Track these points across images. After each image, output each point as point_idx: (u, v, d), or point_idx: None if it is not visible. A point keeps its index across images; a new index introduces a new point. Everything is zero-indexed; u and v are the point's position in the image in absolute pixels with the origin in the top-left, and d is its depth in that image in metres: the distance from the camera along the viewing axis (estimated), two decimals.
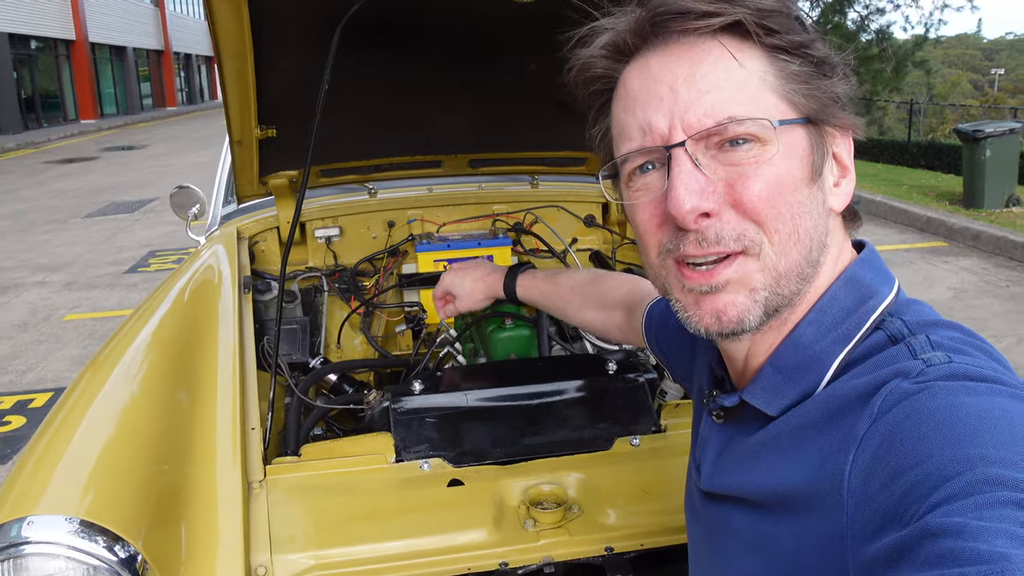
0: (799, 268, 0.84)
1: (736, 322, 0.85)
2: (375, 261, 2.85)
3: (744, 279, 0.84)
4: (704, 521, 1.03)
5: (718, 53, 0.82)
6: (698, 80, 0.82)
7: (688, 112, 0.82)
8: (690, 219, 0.82)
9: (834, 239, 0.88)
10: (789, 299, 0.86)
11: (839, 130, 0.87)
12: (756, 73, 0.82)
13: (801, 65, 0.83)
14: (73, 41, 29.91)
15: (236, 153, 2.24)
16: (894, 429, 0.72)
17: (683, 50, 0.84)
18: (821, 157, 0.85)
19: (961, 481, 0.63)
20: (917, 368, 0.76)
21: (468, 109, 2.41)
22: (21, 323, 6.53)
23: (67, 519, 1.24)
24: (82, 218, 11.34)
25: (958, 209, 9.73)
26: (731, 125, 0.81)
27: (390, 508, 1.56)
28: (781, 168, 0.82)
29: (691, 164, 0.82)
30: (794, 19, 0.84)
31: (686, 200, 0.81)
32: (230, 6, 1.65)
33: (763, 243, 0.82)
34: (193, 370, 1.80)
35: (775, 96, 0.83)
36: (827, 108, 0.85)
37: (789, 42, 0.82)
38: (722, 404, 0.96)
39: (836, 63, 0.85)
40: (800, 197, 0.83)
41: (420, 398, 1.75)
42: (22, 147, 21.93)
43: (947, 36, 42.86)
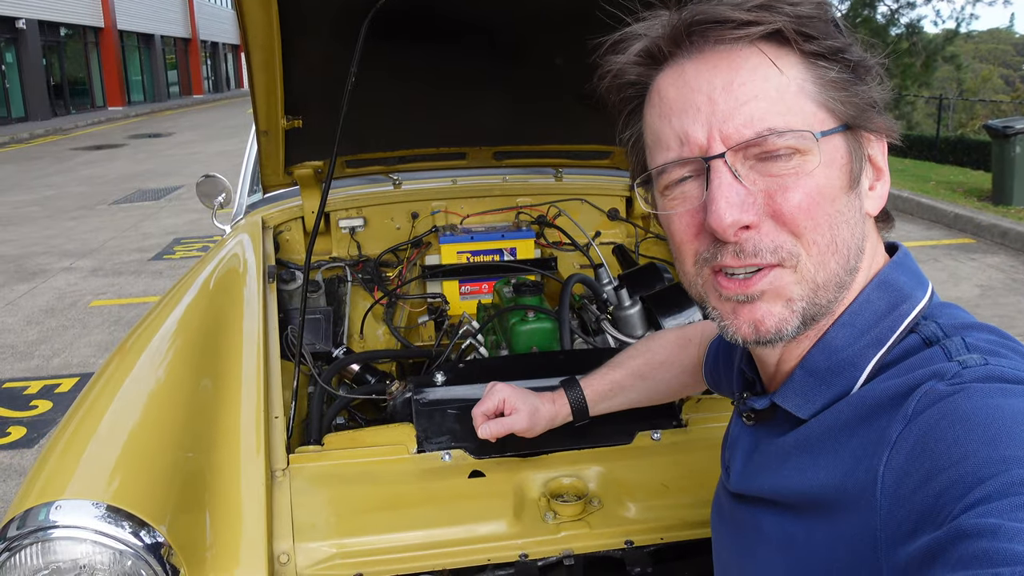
0: (837, 278, 0.84)
1: (774, 332, 0.85)
2: (398, 252, 2.87)
3: (780, 290, 0.83)
4: (732, 523, 1.03)
5: (756, 61, 0.81)
6: (736, 89, 0.81)
7: (727, 123, 0.81)
8: (730, 232, 0.81)
9: (869, 243, 0.88)
10: (827, 307, 0.85)
11: (874, 133, 0.86)
12: (795, 81, 0.81)
13: (839, 71, 0.82)
14: (102, 28, 30.17)
15: (262, 143, 2.25)
16: (929, 430, 0.72)
17: (720, 58, 0.82)
18: (859, 163, 0.84)
19: (996, 482, 0.63)
20: (952, 370, 0.76)
21: (494, 102, 2.41)
22: (48, 308, 6.61)
23: (94, 504, 1.26)
24: (108, 205, 11.45)
25: (986, 206, 9.61)
26: (771, 137, 0.80)
27: (411, 498, 1.57)
28: (821, 178, 0.81)
29: (731, 176, 0.81)
30: (831, 23, 0.83)
31: (727, 214, 0.80)
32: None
33: (800, 255, 0.82)
34: (218, 358, 1.81)
35: (814, 104, 0.82)
36: (864, 113, 0.83)
37: (827, 48, 0.81)
38: (752, 406, 0.96)
39: (872, 65, 0.84)
40: (839, 206, 0.82)
41: (442, 389, 1.75)
42: (51, 133, 22.17)
43: (978, 31, 42.35)
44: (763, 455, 0.95)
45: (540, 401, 1.53)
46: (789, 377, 0.90)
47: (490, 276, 2.74)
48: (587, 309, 2.38)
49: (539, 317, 2.13)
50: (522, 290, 2.28)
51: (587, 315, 2.37)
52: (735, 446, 1.03)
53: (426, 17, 1.91)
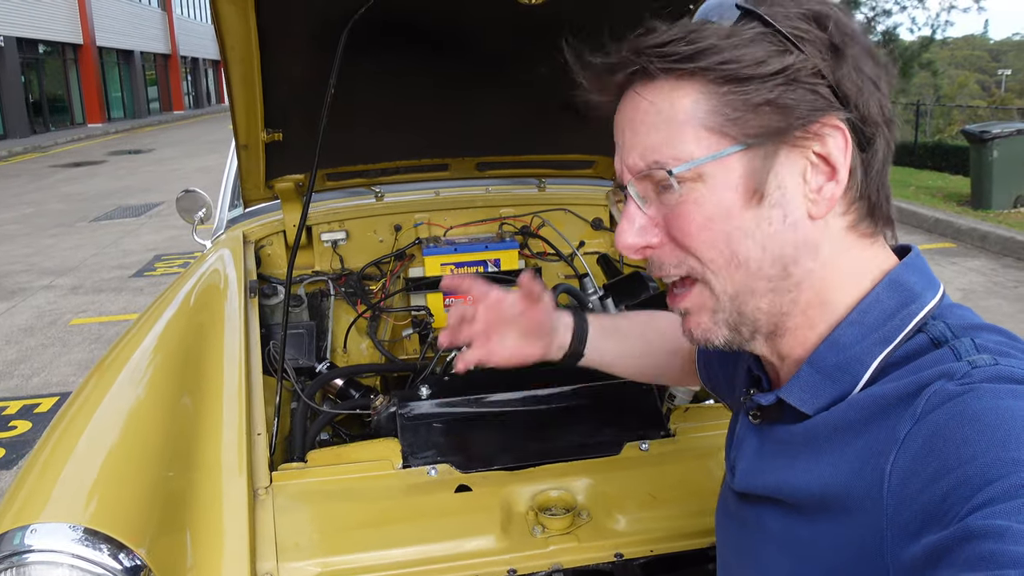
0: (750, 287, 0.86)
1: (703, 340, 0.92)
2: (382, 265, 2.84)
3: (700, 305, 0.90)
4: (736, 523, 1.03)
5: (653, 96, 0.85)
6: (636, 125, 0.87)
7: (628, 155, 0.88)
8: (630, 253, 0.90)
9: (836, 245, 0.86)
10: (763, 311, 0.88)
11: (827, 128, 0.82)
12: (684, 111, 0.83)
13: (736, 92, 0.81)
14: (81, 45, 30.02)
15: (242, 157, 2.23)
16: (937, 430, 0.71)
17: (632, 95, 0.88)
18: (764, 176, 0.83)
19: (1005, 484, 0.63)
20: (962, 370, 0.75)
21: (475, 112, 2.40)
22: (27, 327, 6.53)
23: (71, 527, 1.23)
24: (88, 222, 11.36)
25: (966, 210, 9.70)
26: (655, 170, 0.85)
27: (397, 514, 1.54)
28: (708, 204, 0.84)
29: (635, 205, 0.89)
30: (747, 40, 0.81)
31: (625, 237, 0.89)
32: (236, 10, 1.64)
33: (705, 272, 0.87)
34: (199, 375, 1.79)
35: (704, 130, 0.83)
36: (783, 124, 0.81)
37: (721, 72, 0.81)
38: (759, 403, 0.96)
39: (802, 66, 0.80)
40: (737, 223, 0.84)
41: (427, 403, 1.73)
42: (29, 151, 22.00)
43: (954, 37, 42.85)
44: (770, 453, 0.95)
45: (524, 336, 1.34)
46: (796, 373, 0.90)
47: None
48: None
49: None
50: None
51: None
52: (741, 445, 1.03)
53: (406, 29, 1.90)
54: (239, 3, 1.60)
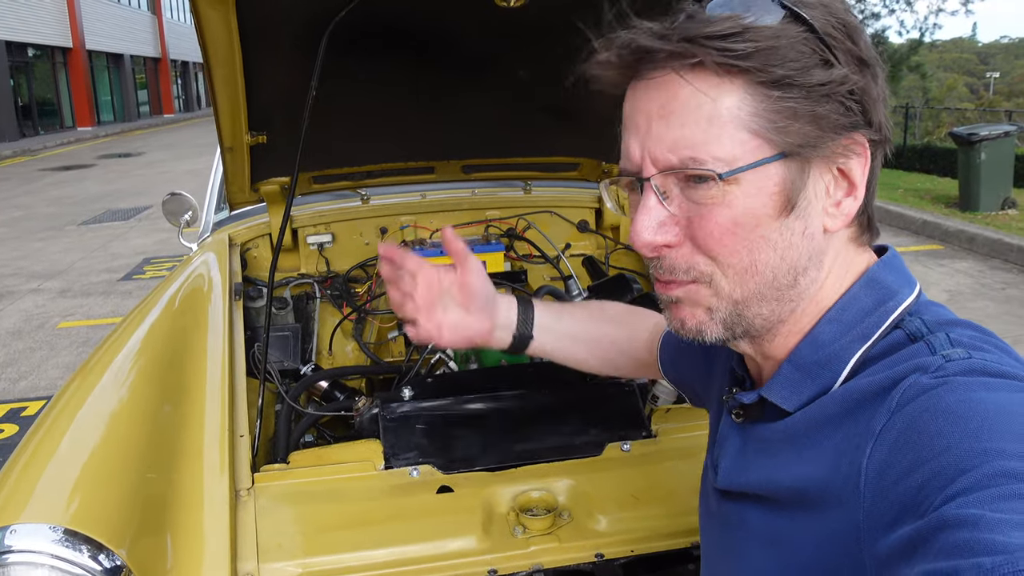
0: (760, 295, 0.86)
1: (695, 332, 0.90)
2: (368, 267, 2.84)
3: (695, 300, 0.88)
4: (719, 520, 1.04)
5: (692, 89, 0.81)
6: (668, 115, 0.82)
7: (656, 146, 0.83)
8: (646, 251, 0.87)
9: (838, 256, 0.89)
10: (763, 317, 0.88)
11: (853, 145, 0.84)
12: (729, 110, 0.80)
13: (783, 99, 0.80)
14: (70, 49, 29.90)
15: (227, 160, 2.23)
16: (912, 423, 0.72)
17: (661, 82, 0.83)
18: (799, 188, 0.83)
19: (978, 473, 0.64)
20: (936, 363, 0.76)
21: (460, 115, 2.41)
22: (15, 331, 6.51)
23: (51, 528, 1.23)
24: (77, 225, 11.32)
25: (954, 212, 9.74)
26: (692, 166, 0.81)
27: (379, 515, 1.55)
28: (739, 209, 0.82)
29: (655, 199, 0.85)
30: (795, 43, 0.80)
31: (642, 234, 0.85)
32: (218, 13, 1.65)
33: (715, 274, 0.85)
34: (182, 377, 1.79)
35: (747, 133, 0.80)
36: (819, 138, 0.82)
37: (772, 76, 0.79)
38: (741, 401, 0.97)
39: (849, 79, 0.81)
40: (763, 232, 0.83)
41: (409, 404, 1.74)
42: (18, 154, 21.91)
43: (942, 40, 43.03)
44: (752, 451, 0.96)
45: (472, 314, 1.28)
46: (777, 371, 0.91)
47: None
48: None
49: None
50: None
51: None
52: (724, 443, 1.04)
53: (389, 32, 1.91)
54: (220, 6, 1.60)
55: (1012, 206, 9.67)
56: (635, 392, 1.83)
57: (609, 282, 2.52)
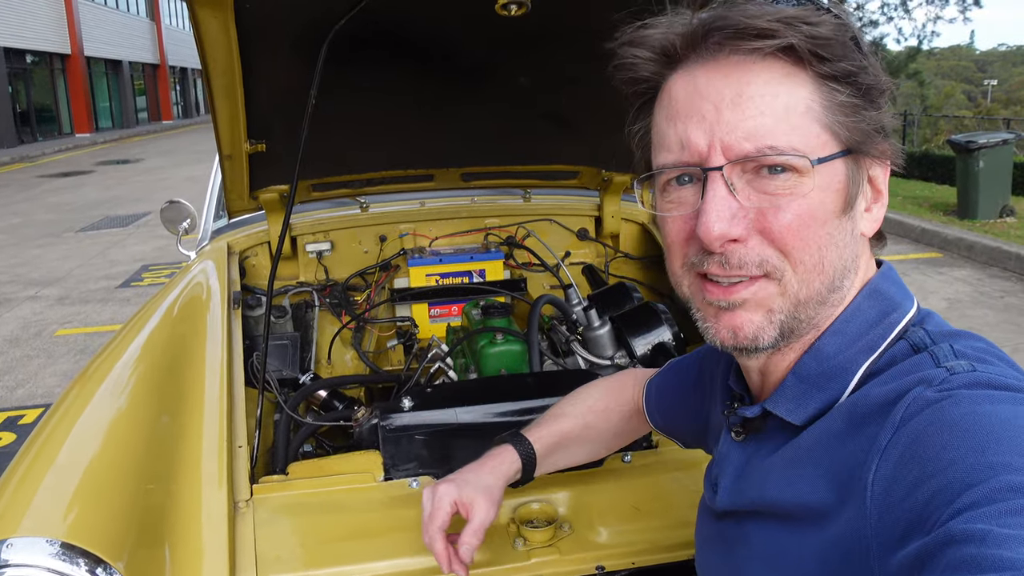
0: (819, 296, 0.85)
1: (751, 340, 0.86)
2: (367, 276, 2.84)
3: (763, 300, 0.85)
4: (718, 542, 1.03)
5: (767, 76, 0.81)
6: (744, 102, 0.81)
7: (730, 134, 0.81)
8: (717, 244, 0.83)
9: (861, 261, 0.89)
10: (807, 323, 0.87)
11: (878, 157, 0.86)
12: (803, 101, 0.81)
13: (850, 95, 0.81)
14: (68, 55, 29.93)
15: (226, 168, 2.22)
16: (917, 437, 0.72)
17: (732, 67, 0.82)
18: (856, 188, 0.84)
19: (984, 488, 0.64)
20: (940, 376, 0.76)
21: (460, 123, 2.41)
22: (12, 338, 6.49)
23: (48, 541, 1.22)
24: (76, 232, 11.31)
25: (952, 220, 9.75)
26: (770, 155, 0.80)
27: (378, 527, 1.54)
28: (814, 201, 0.81)
29: (725, 189, 0.82)
30: (850, 44, 0.82)
31: (715, 226, 0.82)
32: (217, 22, 1.64)
33: (785, 270, 0.83)
34: (180, 387, 1.78)
35: (819, 126, 0.81)
36: (869, 138, 0.83)
37: (840, 70, 0.81)
38: (744, 415, 0.96)
39: (885, 88, 0.83)
40: (830, 229, 0.83)
41: (409, 415, 1.73)
42: (17, 161, 21.90)
43: (940, 48, 43.15)
44: (755, 469, 0.95)
45: (487, 475, 1.32)
46: (781, 384, 0.90)
47: (459, 299, 2.72)
48: (557, 330, 2.37)
49: (508, 339, 2.11)
50: (490, 312, 2.26)
51: (557, 336, 2.36)
52: (723, 462, 1.02)
53: (389, 39, 1.90)
54: (219, 14, 1.60)
55: (1010, 214, 9.69)
56: None
57: (609, 291, 2.51)
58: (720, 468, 1.03)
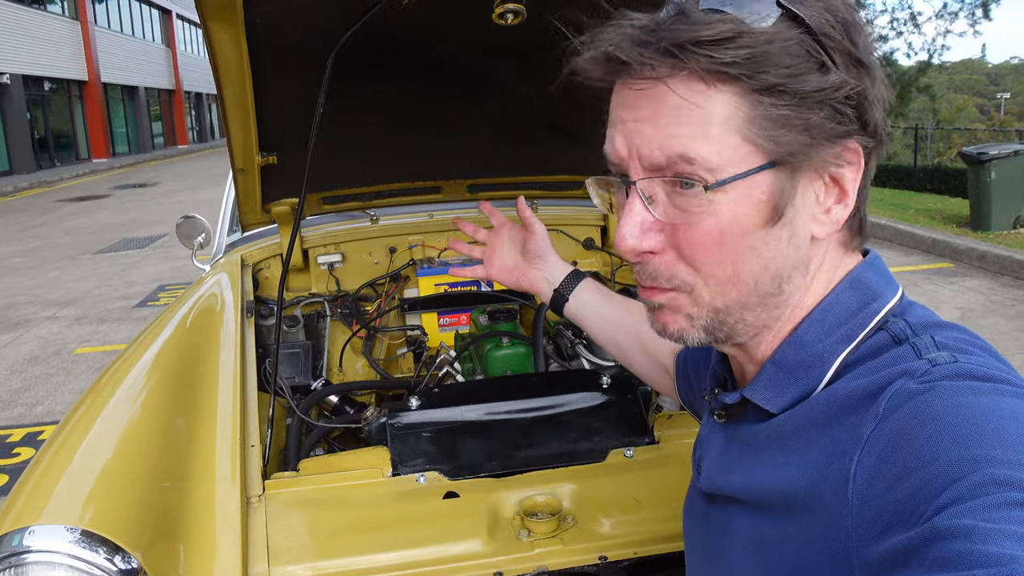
0: (740, 303, 0.84)
1: (677, 336, 0.89)
2: (377, 286, 2.89)
3: (676, 307, 0.87)
4: (703, 524, 1.03)
5: (685, 90, 0.78)
6: (660, 115, 0.80)
7: (644, 144, 0.81)
8: (629, 256, 0.85)
9: (823, 261, 0.88)
10: (743, 323, 0.86)
11: (846, 152, 0.82)
12: (720, 113, 0.78)
13: (776, 106, 0.77)
14: (86, 82, 30.31)
15: (239, 181, 2.28)
16: (900, 430, 0.71)
17: (649, 89, 0.80)
18: (788, 196, 0.81)
19: (969, 482, 0.63)
20: (922, 368, 0.75)
21: (465, 134, 2.45)
22: (32, 357, 6.59)
23: (68, 529, 1.27)
24: (93, 254, 11.45)
25: (965, 231, 9.73)
26: (679, 163, 0.79)
27: (386, 520, 1.58)
28: (725, 218, 0.80)
29: (640, 204, 0.83)
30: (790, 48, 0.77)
31: (626, 239, 0.83)
32: (229, 36, 1.70)
33: (696, 284, 0.84)
34: (194, 392, 1.83)
35: (738, 137, 0.78)
36: (811, 147, 0.79)
37: (762, 83, 0.77)
38: (723, 401, 0.96)
39: (845, 85, 0.78)
40: (750, 242, 0.81)
41: (416, 413, 1.77)
42: (35, 186, 22.17)
43: (951, 61, 42.99)
44: (734, 452, 0.95)
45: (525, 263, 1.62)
46: (759, 372, 0.90)
47: (468, 307, 2.77)
48: (563, 335, 2.41)
49: (513, 342, 2.16)
50: (496, 317, 2.31)
51: (563, 341, 2.40)
52: (706, 444, 1.04)
53: (392, 51, 1.96)
54: (230, 29, 1.66)
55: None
56: (638, 399, 1.86)
57: None
58: (703, 449, 1.05)
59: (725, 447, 0.98)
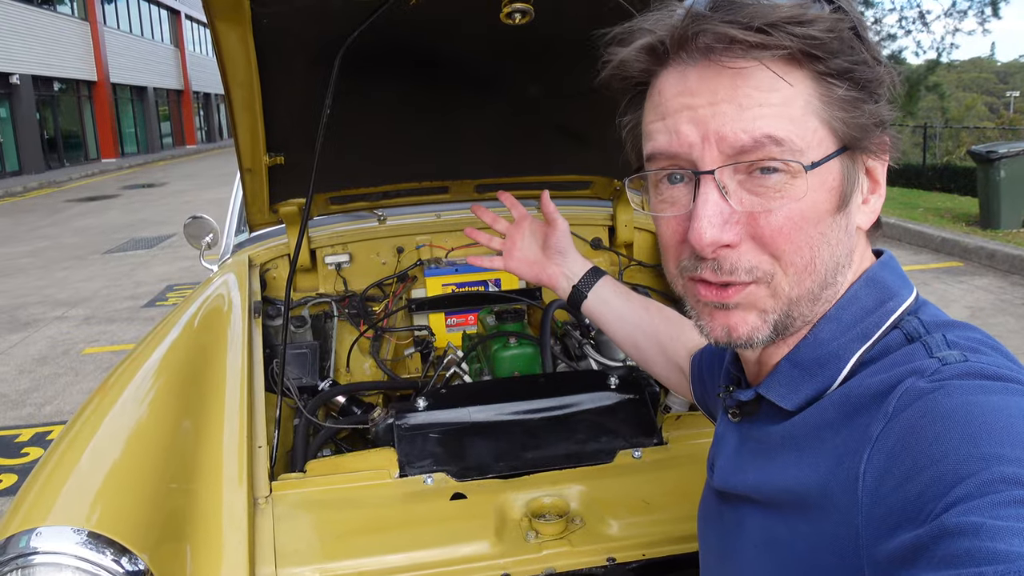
0: (811, 294, 0.84)
1: (746, 338, 0.86)
2: (384, 286, 2.89)
3: (754, 303, 0.84)
4: (717, 523, 1.03)
5: (762, 75, 0.78)
6: (740, 97, 0.79)
7: (724, 125, 0.79)
8: (709, 251, 0.81)
9: (857, 253, 0.89)
10: (800, 319, 0.86)
11: (879, 143, 0.85)
12: (801, 96, 0.79)
13: (848, 90, 0.79)
14: (95, 82, 30.41)
15: (247, 181, 2.28)
16: (909, 428, 0.72)
17: (725, 66, 0.79)
18: (852, 184, 0.83)
19: (977, 480, 0.64)
20: (932, 367, 0.76)
21: (472, 134, 2.45)
22: (41, 357, 6.61)
23: (75, 530, 1.27)
24: (102, 254, 11.48)
25: (975, 230, 9.68)
26: (768, 145, 0.78)
27: (394, 521, 1.58)
28: (807, 203, 0.80)
29: (718, 194, 0.81)
30: (848, 37, 0.79)
31: (707, 232, 0.80)
32: (236, 36, 1.70)
33: (776, 274, 0.82)
34: (201, 392, 1.83)
35: (818, 121, 0.80)
36: (868, 132, 0.82)
37: (837, 67, 0.78)
38: (738, 399, 0.96)
39: (884, 79, 0.82)
40: (822, 228, 0.81)
41: (424, 414, 1.77)
42: (44, 186, 22.26)
43: (960, 60, 42.79)
44: (748, 451, 0.95)
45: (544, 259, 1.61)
46: (775, 369, 0.90)
47: (475, 307, 2.76)
48: (570, 335, 2.41)
49: (521, 343, 2.15)
50: (504, 317, 2.30)
51: (570, 341, 2.39)
52: (721, 442, 1.04)
53: (399, 52, 1.95)
54: (237, 28, 1.65)
55: None
56: (646, 400, 1.85)
57: None
58: (718, 448, 1.05)
59: (739, 446, 0.99)
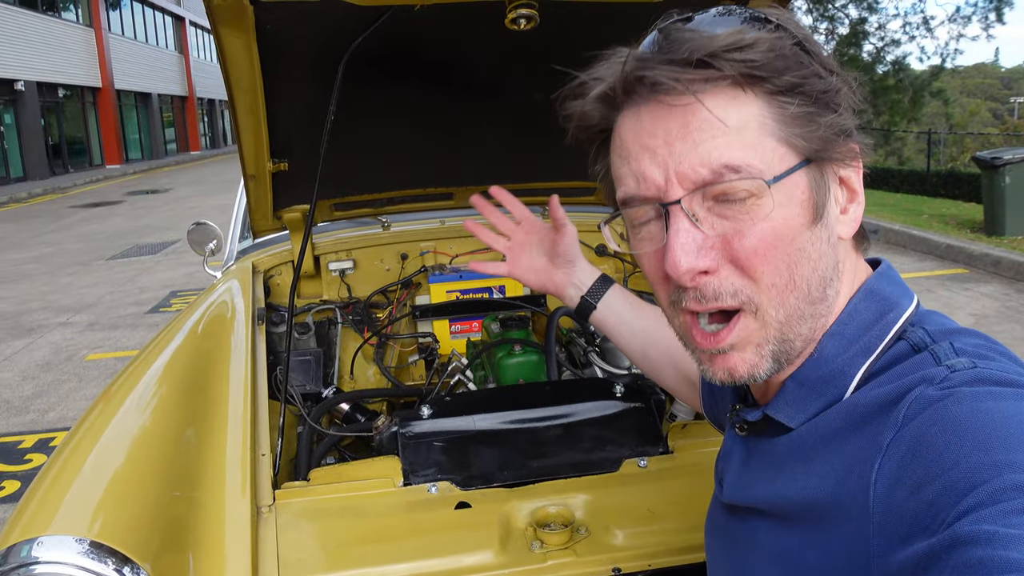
0: (799, 311, 0.84)
1: (748, 377, 0.86)
2: (388, 293, 2.88)
3: (747, 340, 0.84)
4: (725, 536, 1.03)
5: (712, 103, 0.79)
6: (692, 132, 0.80)
7: (682, 163, 0.80)
8: (687, 279, 0.82)
9: (846, 264, 0.88)
10: (798, 340, 0.86)
11: (849, 151, 0.85)
12: (754, 118, 0.80)
13: (801, 105, 0.80)
14: (99, 88, 30.49)
15: (250, 187, 2.28)
16: (920, 436, 0.71)
17: (674, 102, 0.80)
18: (823, 194, 0.83)
19: (989, 488, 0.63)
20: (942, 374, 0.75)
21: (476, 141, 2.44)
22: (44, 363, 6.61)
23: (77, 540, 1.26)
24: (105, 260, 11.49)
25: (980, 237, 9.66)
26: (728, 175, 0.79)
27: (398, 531, 1.56)
28: (777, 219, 0.80)
29: (688, 222, 0.81)
30: (793, 53, 0.80)
31: (682, 260, 0.81)
32: (239, 42, 1.70)
33: (760, 300, 0.82)
34: (204, 400, 1.82)
35: (775, 140, 0.80)
36: (830, 143, 0.82)
37: (786, 84, 0.79)
38: (745, 418, 0.96)
39: (840, 87, 0.82)
40: (800, 244, 0.81)
41: (428, 422, 1.76)
42: (49, 192, 22.30)
43: (964, 66, 42.83)
44: (757, 465, 0.95)
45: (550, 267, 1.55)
46: (781, 388, 0.90)
47: (480, 314, 2.76)
48: (575, 342, 2.40)
49: (526, 350, 2.14)
50: (508, 324, 2.29)
51: (575, 348, 2.38)
52: (728, 457, 1.03)
53: (404, 58, 1.95)
54: (241, 34, 1.65)
55: None
56: (652, 409, 1.84)
57: None
58: (726, 462, 1.04)
59: (747, 460, 0.98)
